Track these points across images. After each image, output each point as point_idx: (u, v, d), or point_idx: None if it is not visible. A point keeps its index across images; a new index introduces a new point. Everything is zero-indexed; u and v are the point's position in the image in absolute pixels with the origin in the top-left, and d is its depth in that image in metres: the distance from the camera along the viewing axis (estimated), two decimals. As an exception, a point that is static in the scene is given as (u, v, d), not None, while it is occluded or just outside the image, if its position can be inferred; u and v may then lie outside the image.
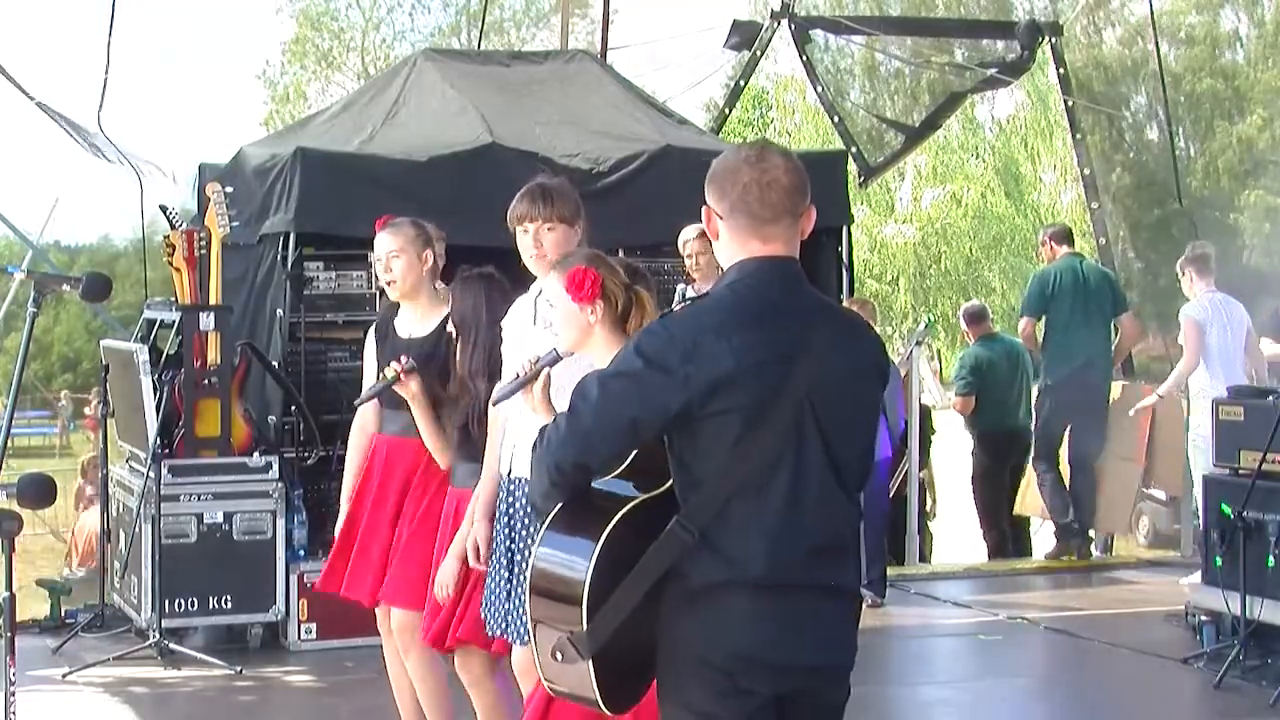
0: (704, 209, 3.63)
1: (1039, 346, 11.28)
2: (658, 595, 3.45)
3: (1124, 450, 11.22)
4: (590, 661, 3.40)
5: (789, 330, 3.50)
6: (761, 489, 3.44)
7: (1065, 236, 11.61)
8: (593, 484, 3.58)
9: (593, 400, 3.47)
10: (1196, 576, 10.18)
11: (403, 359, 5.60)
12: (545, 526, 3.54)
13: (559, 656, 3.42)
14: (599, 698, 3.45)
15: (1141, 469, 11.17)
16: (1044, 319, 11.20)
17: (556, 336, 4.48)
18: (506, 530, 5.13)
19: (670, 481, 3.53)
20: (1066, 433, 11.19)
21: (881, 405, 3.98)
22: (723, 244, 3.60)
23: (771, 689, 3.49)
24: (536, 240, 5.12)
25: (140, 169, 10.43)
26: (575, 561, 3.43)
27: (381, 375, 5.67)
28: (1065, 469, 11.28)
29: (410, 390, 5.59)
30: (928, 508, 12.46)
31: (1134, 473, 11.23)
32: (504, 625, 5.12)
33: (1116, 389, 11.29)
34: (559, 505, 3.53)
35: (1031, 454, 11.43)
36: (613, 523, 3.45)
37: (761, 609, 3.44)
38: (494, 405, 4.90)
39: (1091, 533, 11.43)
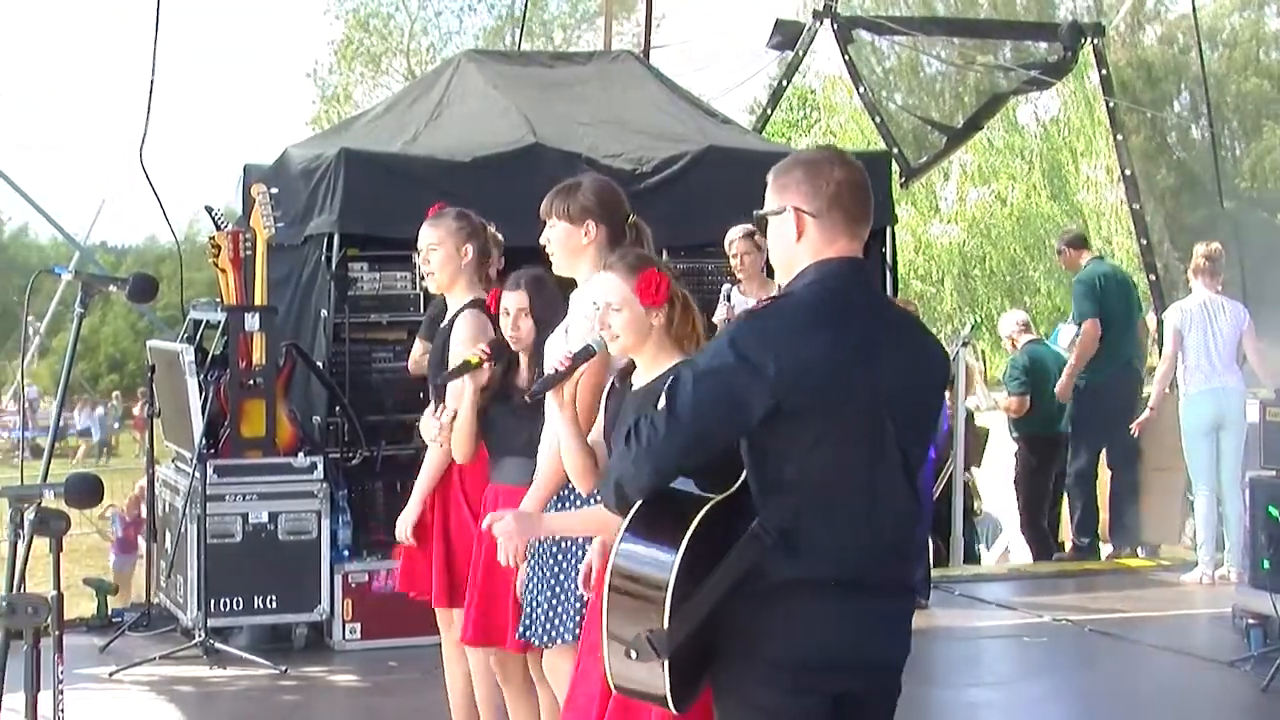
0: (790, 209, 3.61)
1: (1093, 345, 11.12)
2: (729, 592, 3.46)
3: (1162, 460, 11.20)
4: (665, 660, 3.41)
5: (870, 330, 3.55)
6: (841, 488, 3.48)
7: (1083, 241, 11.75)
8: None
9: (689, 400, 3.47)
10: (1197, 574, 10.21)
11: (487, 346, 5.54)
12: (625, 527, 3.54)
13: (634, 654, 3.43)
14: (669, 695, 3.46)
15: (1184, 477, 11.15)
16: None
17: (614, 340, 4.45)
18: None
19: (738, 482, 3.54)
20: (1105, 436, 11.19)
21: None
22: (807, 243, 3.60)
23: (838, 687, 3.52)
24: (545, 237, 5.13)
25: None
26: (659, 562, 3.44)
27: (464, 360, 5.55)
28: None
29: (481, 379, 5.55)
30: (975, 509, 12.41)
31: (1176, 482, 11.24)
32: (548, 631, 5.11)
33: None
34: (637, 505, 3.54)
35: (1070, 457, 11.40)
36: (694, 524, 3.45)
37: (835, 607, 3.48)
38: (531, 399, 4.89)
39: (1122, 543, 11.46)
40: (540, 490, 5.06)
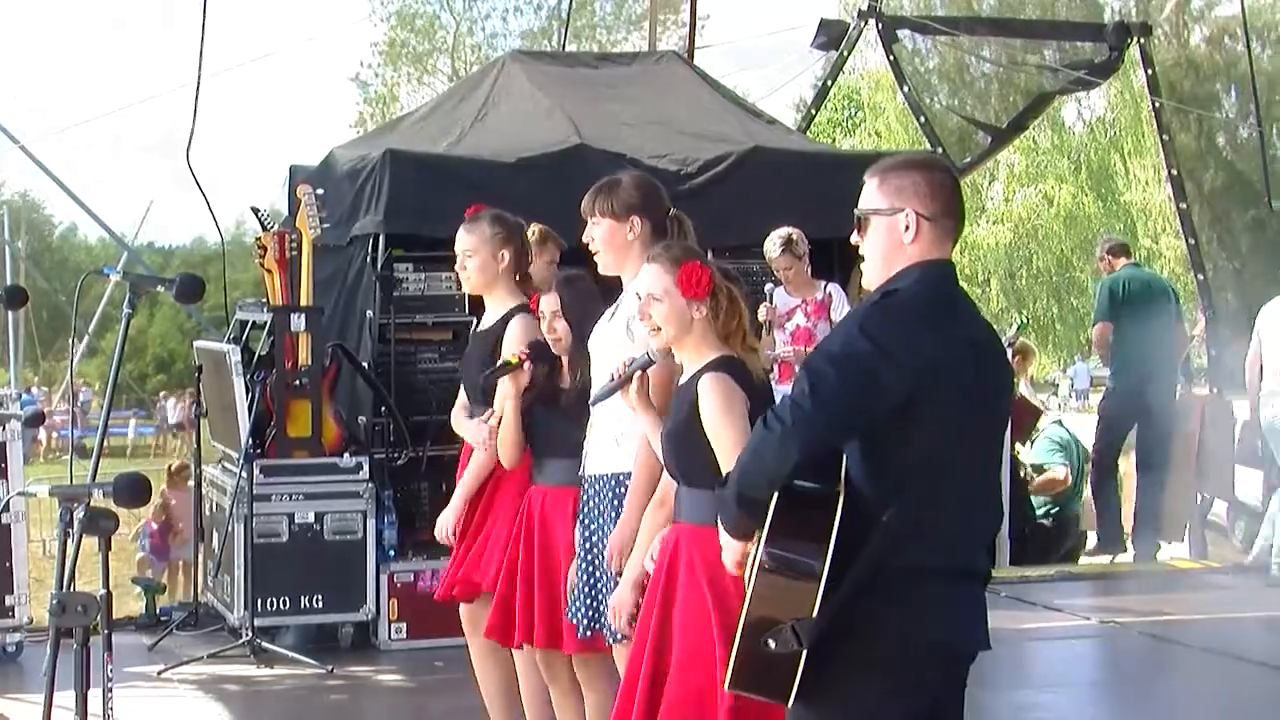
0: (910, 212, 3.67)
1: (1108, 350, 11.45)
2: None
3: (1178, 458, 11.33)
4: (805, 651, 3.46)
5: (975, 331, 3.70)
6: (958, 480, 3.60)
7: (1123, 249, 11.90)
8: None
9: (831, 382, 3.54)
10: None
11: (525, 350, 5.56)
12: (769, 521, 3.55)
13: (772, 644, 3.47)
14: (795, 687, 3.48)
15: (1193, 475, 11.41)
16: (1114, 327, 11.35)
17: (655, 332, 4.47)
18: (584, 530, 5.12)
19: (840, 475, 3.58)
20: (1129, 438, 11.44)
21: None
22: (919, 245, 3.68)
23: (952, 678, 3.69)
24: (588, 235, 5.14)
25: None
26: (810, 553, 3.48)
27: (504, 360, 5.59)
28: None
29: (519, 381, 5.55)
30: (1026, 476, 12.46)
31: (1188, 480, 11.44)
32: (595, 624, 5.11)
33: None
34: (775, 500, 3.56)
35: (1091, 460, 11.63)
36: (838, 517, 3.49)
37: (956, 594, 3.65)
38: (593, 405, 4.90)
39: (1162, 542, 11.56)
40: (636, 498, 4.94)
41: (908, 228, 3.67)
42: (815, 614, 3.44)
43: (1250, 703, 7.86)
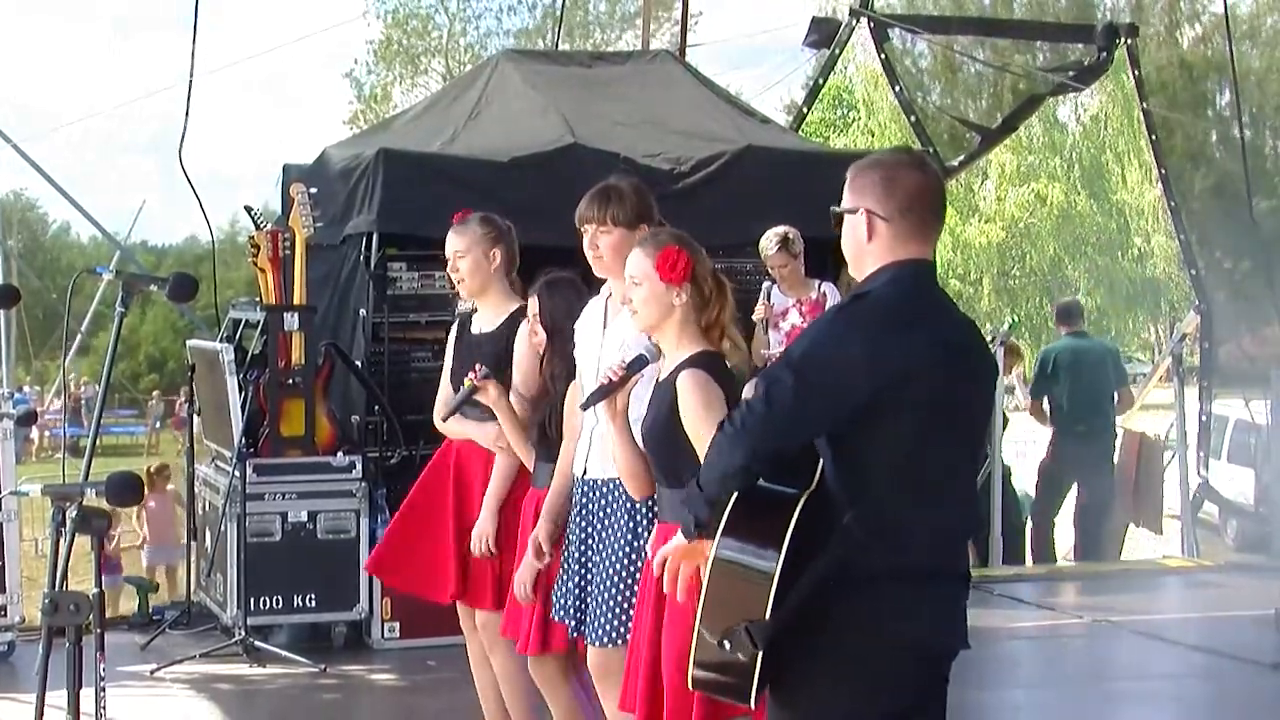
0: (862, 211, 3.64)
1: (1047, 421, 11.86)
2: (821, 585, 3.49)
3: (1114, 491, 11.79)
4: (760, 653, 3.44)
5: (951, 331, 3.66)
6: (931, 482, 3.56)
7: (1066, 316, 12.35)
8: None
9: (788, 386, 3.51)
10: None
11: (478, 368, 5.53)
12: (724, 521, 3.53)
13: (728, 645, 3.45)
14: (754, 688, 3.48)
15: (1130, 507, 11.81)
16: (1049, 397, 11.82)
17: (634, 315, 4.46)
18: (580, 530, 5.12)
19: (810, 478, 3.56)
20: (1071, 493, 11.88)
21: None
22: (878, 244, 3.64)
23: (929, 678, 3.65)
24: (593, 243, 5.11)
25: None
26: (763, 556, 3.46)
27: (460, 388, 5.60)
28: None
29: (490, 396, 5.52)
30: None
31: (1124, 512, 11.83)
32: (579, 625, 5.10)
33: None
34: (734, 501, 3.54)
35: (1030, 511, 12.04)
36: (795, 517, 3.47)
37: (931, 594, 3.59)
38: (582, 409, 4.87)
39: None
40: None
41: (864, 227, 3.64)
42: (768, 615, 3.42)
43: (1242, 701, 7.87)
